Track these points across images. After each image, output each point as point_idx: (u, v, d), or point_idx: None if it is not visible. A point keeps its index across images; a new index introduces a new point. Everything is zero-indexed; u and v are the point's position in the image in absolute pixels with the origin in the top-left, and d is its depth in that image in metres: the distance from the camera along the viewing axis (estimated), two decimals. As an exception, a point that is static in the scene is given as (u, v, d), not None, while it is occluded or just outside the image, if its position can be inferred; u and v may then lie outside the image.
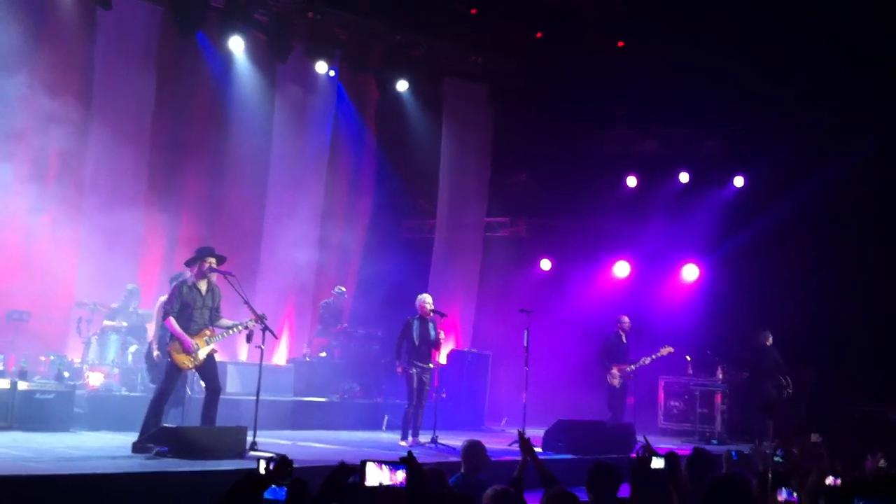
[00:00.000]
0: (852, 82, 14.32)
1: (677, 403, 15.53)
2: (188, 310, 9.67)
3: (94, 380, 11.94)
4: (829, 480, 5.33)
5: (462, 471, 7.08)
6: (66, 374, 11.66)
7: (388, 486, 4.76)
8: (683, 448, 11.69)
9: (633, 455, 6.42)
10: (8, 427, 10.57)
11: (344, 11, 15.62)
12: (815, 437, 8.02)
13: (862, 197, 15.17)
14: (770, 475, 5.70)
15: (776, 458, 7.61)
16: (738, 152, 16.58)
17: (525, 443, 6.81)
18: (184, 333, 9.55)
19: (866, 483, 5.34)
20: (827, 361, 15.07)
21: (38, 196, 13.34)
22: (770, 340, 14.48)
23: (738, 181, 16.71)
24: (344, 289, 15.79)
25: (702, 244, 16.67)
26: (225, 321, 9.92)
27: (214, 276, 9.87)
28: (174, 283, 10.07)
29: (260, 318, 9.74)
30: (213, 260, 9.80)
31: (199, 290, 9.76)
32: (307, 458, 9.39)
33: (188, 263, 9.91)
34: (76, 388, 11.47)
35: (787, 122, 15.40)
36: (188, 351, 9.56)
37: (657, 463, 6.59)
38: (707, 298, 16.40)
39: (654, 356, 13.76)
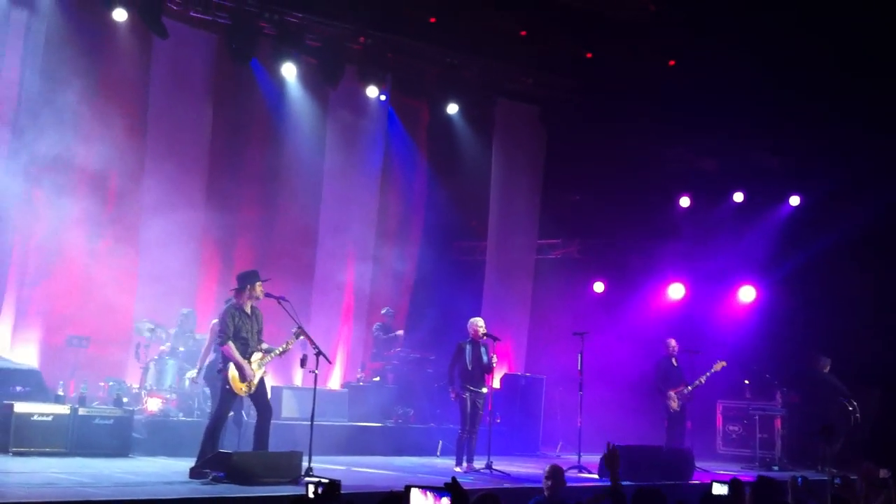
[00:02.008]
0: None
1: (736, 428, 15.26)
2: (241, 335, 9.72)
3: (152, 405, 12.06)
4: None
5: (546, 494, 7.12)
6: (125, 400, 11.82)
7: None
8: (744, 474, 11.50)
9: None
10: (67, 452, 10.72)
11: (395, 35, 15.72)
12: (883, 473, 7.76)
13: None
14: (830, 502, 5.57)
15: (835, 483, 7.44)
16: (794, 171, 16.32)
17: (613, 457, 6.77)
18: (242, 360, 9.59)
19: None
20: (891, 382, 14.70)
21: (97, 223, 13.60)
22: (827, 367, 14.19)
23: (794, 200, 16.44)
24: (392, 310, 15.81)
25: (758, 265, 16.40)
26: (269, 346, 9.96)
27: (261, 300, 9.92)
28: (224, 308, 10.10)
29: (308, 336, 9.74)
30: (261, 284, 9.85)
31: (245, 313, 9.82)
32: (361, 484, 9.43)
33: (239, 288, 9.93)
34: (134, 414, 11.60)
35: (845, 139, 15.10)
36: (247, 378, 9.60)
37: (720, 489, 6.48)
38: (764, 320, 16.11)
39: (708, 374, 13.54)
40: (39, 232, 13.19)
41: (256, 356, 9.78)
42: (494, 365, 12.01)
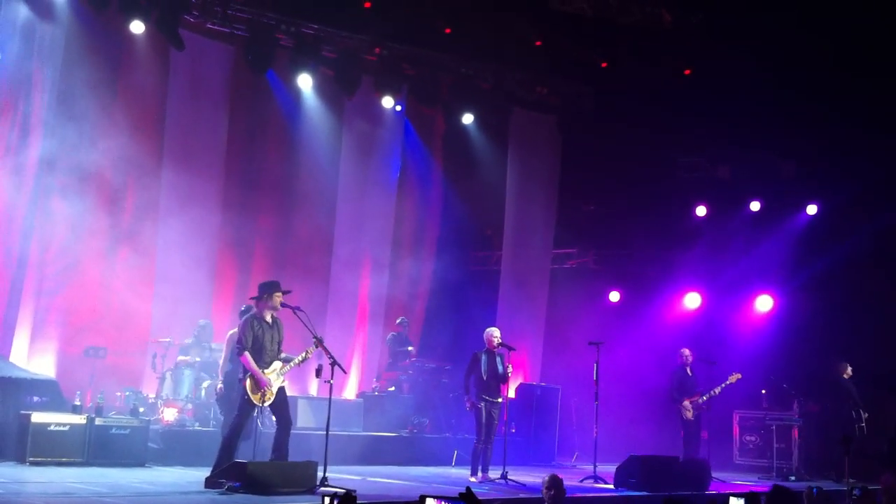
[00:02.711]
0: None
1: (753, 438, 15.17)
2: (259, 344, 9.74)
3: (169, 415, 12.11)
4: None
5: None
6: (142, 410, 11.88)
7: None
8: (760, 485, 11.44)
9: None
10: (84, 462, 10.77)
11: (410, 46, 15.78)
12: None
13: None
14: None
15: (854, 495, 7.38)
16: (812, 180, 16.24)
17: None
18: (259, 370, 9.61)
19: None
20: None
21: (114, 233, 13.70)
22: (848, 372, 14.10)
23: (812, 209, 16.37)
24: (407, 319, 15.83)
25: (776, 274, 16.33)
26: (287, 356, 9.97)
27: (279, 310, 9.94)
28: (244, 318, 10.13)
29: (324, 347, 9.76)
30: (279, 295, 9.87)
31: (267, 324, 9.84)
32: (376, 494, 9.43)
33: (259, 297, 9.98)
34: (151, 424, 11.65)
35: (862, 147, 15.03)
36: (264, 387, 9.61)
37: (736, 502, 6.45)
38: (782, 329, 16.04)
39: (723, 385, 13.45)
40: (57, 242, 13.27)
41: (276, 365, 9.80)
42: (509, 375, 12.00)
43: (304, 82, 15.11)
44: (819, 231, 16.16)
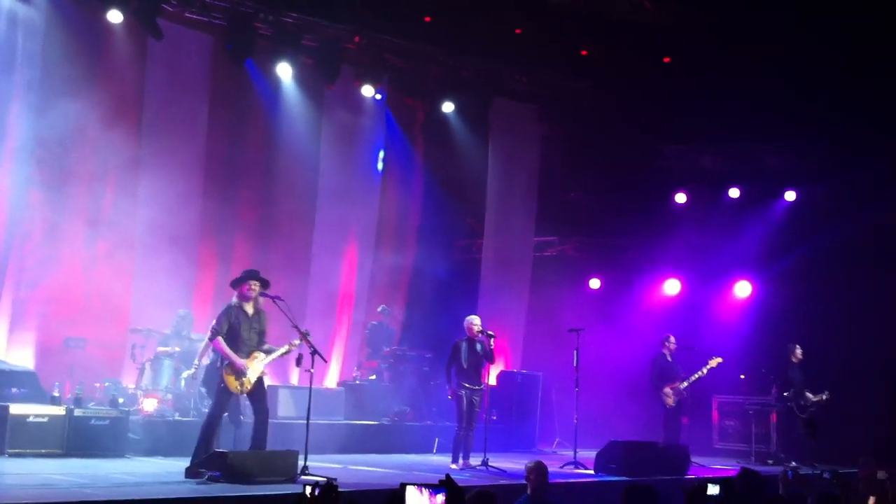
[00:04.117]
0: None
1: (732, 423, 15.30)
2: (236, 331, 9.72)
3: (148, 405, 12.08)
4: None
5: (528, 492, 7.09)
6: (121, 400, 11.85)
7: None
8: (737, 469, 11.52)
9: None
10: (63, 453, 10.72)
11: (392, 36, 15.74)
12: (881, 475, 7.76)
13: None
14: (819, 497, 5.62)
15: (824, 477, 7.47)
16: (791, 167, 16.33)
17: None
18: (233, 354, 9.60)
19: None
20: (891, 377, 14.71)
21: (94, 224, 13.60)
22: (797, 355, 14.13)
23: (790, 195, 16.46)
24: (388, 307, 15.85)
25: (754, 260, 16.44)
26: (270, 346, 9.97)
27: (262, 301, 9.93)
28: (224, 306, 10.11)
29: (308, 341, 9.78)
30: (256, 283, 9.86)
31: (245, 312, 9.82)
32: (358, 482, 9.47)
33: (233, 283, 9.98)
34: (130, 414, 11.61)
35: (841, 136, 15.11)
36: (240, 371, 9.60)
37: (712, 489, 6.51)
38: (761, 315, 16.16)
39: (703, 370, 13.54)
40: (36, 234, 13.20)
41: (258, 356, 9.78)
42: (492, 350, 11.98)
43: (284, 71, 15.05)
44: (798, 218, 16.26)
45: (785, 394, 13.98)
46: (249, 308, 9.85)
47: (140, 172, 14.00)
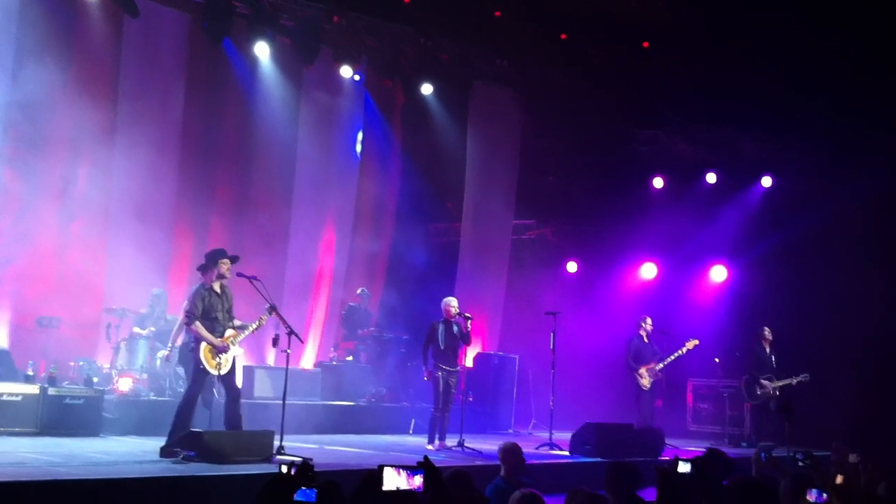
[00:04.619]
0: (887, 85, 14.09)
1: (706, 406, 15.43)
2: (211, 314, 9.70)
3: (123, 385, 12.02)
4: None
5: (502, 473, 7.10)
6: (96, 380, 11.80)
7: (405, 491, 4.75)
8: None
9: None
10: (37, 432, 10.67)
11: (371, 16, 15.63)
12: (853, 458, 7.84)
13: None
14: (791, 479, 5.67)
15: (797, 459, 7.53)
16: (769, 154, 16.41)
17: None
18: (213, 337, 9.58)
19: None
20: (862, 363, 14.84)
21: (68, 203, 13.50)
22: (766, 336, 14.23)
23: (766, 181, 16.55)
24: (367, 290, 15.84)
25: (730, 245, 16.53)
26: (242, 323, 9.95)
27: (228, 279, 9.89)
28: (193, 288, 10.07)
29: (278, 314, 9.76)
30: (226, 262, 9.82)
31: (216, 294, 9.80)
32: (334, 462, 9.47)
33: (202, 270, 9.93)
34: (105, 394, 11.56)
35: (820, 122, 15.18)
36: (221, 351, 9.58)
37: (684, 467, 6.55)
38: (736, 300, 16.26)
39: (680, 351, 13.63)
40: (9, 213, 13.06)
41: (229, 333, 9.77)
42: (469, 332, 12.02)
43: (262, 51, 14.93)
44: (774, 204, 16.36)
45: (768, 378, 14.04)
46: (217, 287, 9.82)
47: (115, 151, 13.86)
